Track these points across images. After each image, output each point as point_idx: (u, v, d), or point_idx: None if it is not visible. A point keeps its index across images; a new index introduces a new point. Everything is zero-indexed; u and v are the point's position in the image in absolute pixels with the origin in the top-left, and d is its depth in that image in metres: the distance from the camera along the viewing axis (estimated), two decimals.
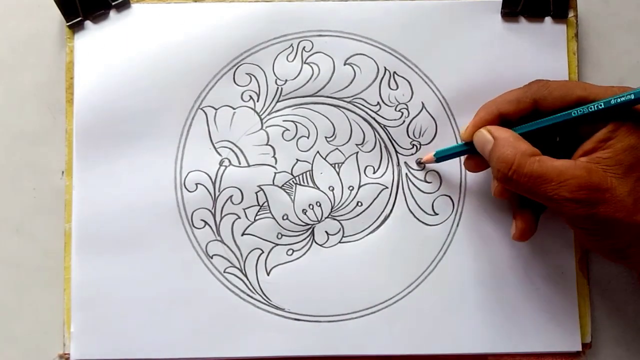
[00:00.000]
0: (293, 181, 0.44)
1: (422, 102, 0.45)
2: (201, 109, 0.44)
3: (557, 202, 0.35)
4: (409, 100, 0.45)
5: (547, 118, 0.38)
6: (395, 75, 0.45)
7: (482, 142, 0.38)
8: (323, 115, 0.45)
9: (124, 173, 0.44)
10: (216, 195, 0.44)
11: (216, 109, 0.44)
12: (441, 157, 0.43)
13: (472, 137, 0.40)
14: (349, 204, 0.44)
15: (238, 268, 0.43)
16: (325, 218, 0.44)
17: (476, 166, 0.41)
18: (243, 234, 0.44)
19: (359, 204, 0.44)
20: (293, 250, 0.44)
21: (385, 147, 0.45)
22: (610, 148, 0.35)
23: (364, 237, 0.44)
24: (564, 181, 0.34)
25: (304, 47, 0.45)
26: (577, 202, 0.34)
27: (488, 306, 0.43)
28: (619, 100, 0.34)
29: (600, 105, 0.35)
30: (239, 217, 0.44)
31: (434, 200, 0.44)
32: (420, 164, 0.44)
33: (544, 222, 0.43)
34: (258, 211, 0.44)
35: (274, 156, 0.44)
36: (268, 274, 0.43)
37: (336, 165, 0.44)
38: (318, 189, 0.44)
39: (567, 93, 0.37)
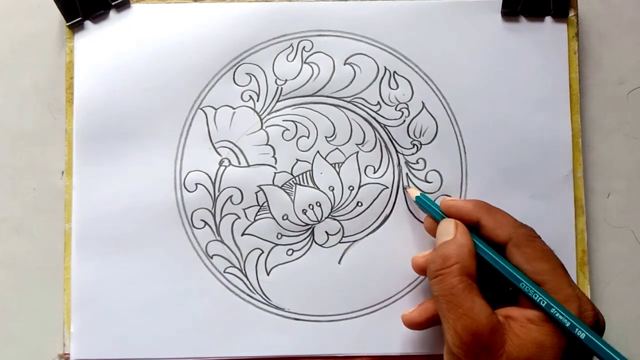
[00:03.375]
0: (293, 181, 0.44)
1: (422, 102, 0.45)
2: (201, 108, 0.44)
3: (447, 324, 0.35)
4: (409, 100, 0.45)
5: (502, 262, 0.37)
6: (396, 74, 0.45)
7: (443, 230, 0.38)
8: (323, 115, 0.45)
9: (124, 173, 0.44)
10: (216, 195, 0.44)
11: (216, 109, 0.44)
12: (419, 202, 0.42)
13: (446, 210, 0.40)
14: (349, 204, 0.44)
15: (238, 268, 0.43)
16: (325, 218, 0.44)
17: (432, 230, 0.41)
18: (243, 234, 0.44)
19: (359, 204, 0.44)
20: (293, 250, 0.44)
21: (386, 146, 0.45)
22: (527, 330, 0.34)
23: (364, 237, 0.44)
24: (468, 316, 0.34)
25: (304, 46, 0.45)
26: (460, 338, 0.34)
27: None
28: (557, 315, 0.34)
29: (543, 303, 0.34)
30: (239, 217, 0.44)
31: (435, 200, 0.44)
32: (405, 189, 0.44)
33: (544, 222, 0.43)
34: (258, 211, 0.44)
35: (273, 156, 0.44)
36: (268, 274, 0.43)
37: (336, 165, 0.44)
38: (318, 189, 0.44)
39: (536, 263, 0.36)
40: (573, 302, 0.35)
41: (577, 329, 0.33)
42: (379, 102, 0.45)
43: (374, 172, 0.44)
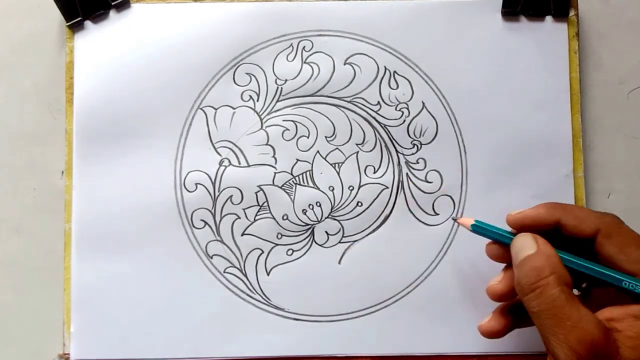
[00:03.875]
0: (293, 181, 0.44)
1: (422, 102, 0.45)
2: (201, 108, 0.44)
3: (557, 340, 0.32)
4: (410, 100, 0.45)
5: (594, 267, 0.35)
6: (396, 74, 0.45)
7: (522, 245, 0.35)
8: (323, 114, 0.45)
9: (123, 173, 0.44)
10: (216, 195, 0.44)
11: (216, 109, 0.44)
12: (477, 231, 0.38)
13: (516, 224, 0.37)
14: (349, 204, 0.44)
15: (238, 268, 0.43)
16: (325, 218, 0.44)
17: (498, 256, 0.38)
18: (243, 234, 0.44)
19: (359, 204, 0.44)
20: (293, 250, 0.44)
21: (386, 146, 0.45)
22: (635, 327, 0.32)
23: (364, 237, 0.44)
24: (579, 327, 0.31)
25: (304, 46, 0.45)
26: (576, 353, 0.31)
27: (488, 306, 0.43)
28: None
29: None
30: (239, 217, 0.44)
31: (435, 200, 0.44)
32: (455, 220, 0.42)
33: None
34: (258, 211, 0.44)
35: (273, 156, 0.44)
36: (268, 274, 0.43)
37: (336, 165, 0.44)
38: (318, 189, 0.44)
39: (630, 250, 0.34)
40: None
41: None
42: (379, 102, 0.45)
43: (374, 172, 0.44)
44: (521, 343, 0.43)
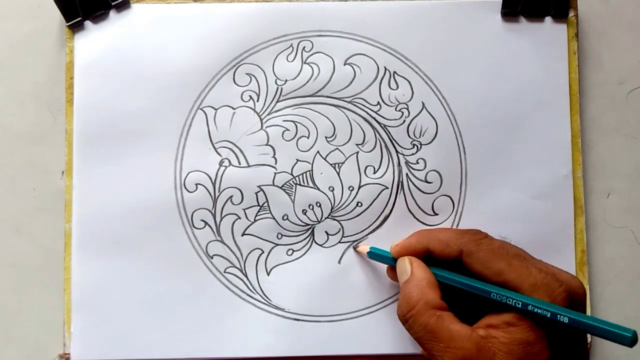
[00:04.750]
0: (293, 181, 0.44)
1: (422, 102, 0.45)
2: (201, 109, 0.44)
3: None
4: (409, 100, 0.45)
5: (465, 281, 0.36)
6: (396, 75, 0.45)
7: (400, 270, 0.38)
8: (323, 115, 0.45)
9: (124, 173, 0.44)
10: (216, 196, 0.44)
11: (216, 109, 0.44)
12: (372, 257, 0.42)
13: (397, 255, 0.40)
14: (349, 204, 0.44)
15: (238, 268, 0.43)
16: (325, 218, 0.44)
17: (395, 278, 0.40)
18: (243, 234, 0.44)
19: (359, 204, 0.44)
20: (293, 251, 0.44)
21: (386, 147, 0.45)
22: (509, 334, 0.33)
23: (364, 237, 0.44)
24: (451, 347, 0.33)
25: (304, 47, 0.45)
26: None
27: None
28: (535, 310, 0.33)
29: (518, 304, 0.33)
30: (239, 218, 0.44)
31: (434, 201, 0.44)
32: (355, 249, 0.44)
33: (544, 222, 0.43)
34: (258, 211, 0.44)
35: (274, 156, 0.44)
36: (268, 274, 0.43)
37: (336, 165, 0.44)
38: (318, 189, 0.44)
39: (491, 264, 0.36)
40: (541, 289, 0.34)
41: (558, 316, 0.32)
42: (379, 102, 0.45)
43: (374, 173, 0.44)
44: None
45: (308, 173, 0.44)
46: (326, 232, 0.44)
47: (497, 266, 0.35)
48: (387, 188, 0.44)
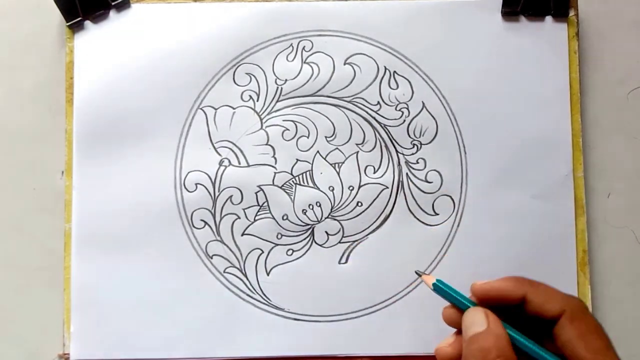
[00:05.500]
0: (293, 181, 0.44)
1: (422, 102, 0.45)
2: (201, 108, 0.44)
3: None
4: (410, 100, 0.45)
5: (545, 355, 0.34)
6: (396, 74, 0.45)
7: (472, 320, 0.35)
8: (323, 115, 0.45)
9: (123, 173, 0.44)
10: (216, 196, 0.44)
11: (216, 109, 0.44)
12: (439, 291, 0.37)
13: (482, 296, 0.36)
14: (349, 204, 0.44)
15: (238, 268, 0.43)
16: (325, 218, 0.44)
17: (454, 321, 0.37)
18: (243, 234, 0.44)
19: (359, 204, 0.44)
20: (293, 251, 0.44)
21: (386, 146, 0.45)
22: None
23: (364, 237, 0.44)
24: None
25: (304, 46, 0.45)
26: None
27: None
28: None
29: None
30: (239, 217, 0.44)
31: (435, 200, 0.44)
32: (418, 274, 0.40)
33: (544, 222, 0.43)
34: (258, 211, 0.44)
35: (273, 156, 0.44)
36: (268, 274, 0.43)
37: (336, 165, 0.44)
38: (318, 189, 0.44)
39: (591, 339, 0.33)
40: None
41: None
42: (379, 102, 0.45)
43: (374, 172, 0.44)
44: None
45: (308, 173, 0.44)
46: (326, 232, 0.44)
47: (596, 343, 0.33)
48: (387, 188, 0.44)
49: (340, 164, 0.44)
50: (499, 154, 0.44)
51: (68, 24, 0.44)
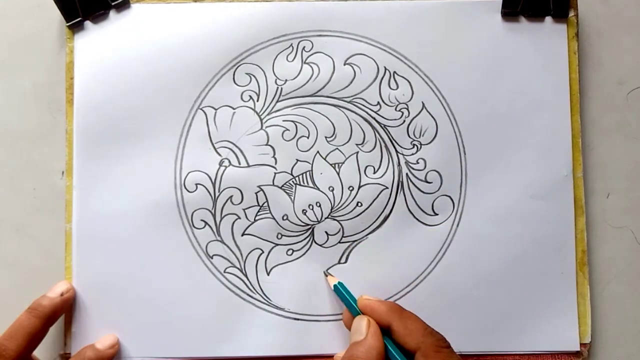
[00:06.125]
0: (293, 181, 0.44)
1: (422, 102, 0.45)
2: (201, 109, 0.44)
3: None
4: (409, 100, 0.45)
5: None
6: (396, 75, 0.45)
7: (356, 328, 0.39)
8: (323, 115, 0.45)
9: (124, 173, 0.44)
10: (216, 196, 0.44)
11: (216, 109, 0.44)
12: (337, 292, 0.42)
13: (361, 309, 0.40)
14: (348, 204, 0.44)
15: (238, 268, 0.43)
16: (325, 218, 0.44)
17: (348, 324, 0.41)
18: (243, 234, 0.44)
19: (359, 204, 0.44)
20: (293, 250, 0.44)
21: (386, 147, 0.45)
22: None
23: (364, 237, 0.44)
24: None
25: (304, 47, 0.45)
26: None
27: (487, 306, 0.43)
28: None
29: None
30: (239, 218, 0.44)
31: (434, 201, 0.44)
32: (325, 274, 0.44)
33: (544, 222, 0.43)
34: (258, 211, 0.44)
35: (273, 156, 0.44)
36: (268, 274, 0.43)
37: (336, 165, 0.44)
38: (318, 189, 0.44)
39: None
40: None
41: None
42: (379, 102, 0.45)
43: (374, 173, 0.44)
44: (521, 342, 0.43)
45: (308, 173, 0.44)
46: (326, 232, 0.44)
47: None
48: (387, 188, 0.44)
49: (340, 164, 0.44)
50: (499, 154, 0.44)
51: (68, 24, 0.44)
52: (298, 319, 0.43)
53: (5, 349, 0.38)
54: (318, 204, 0.44)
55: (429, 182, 0.44)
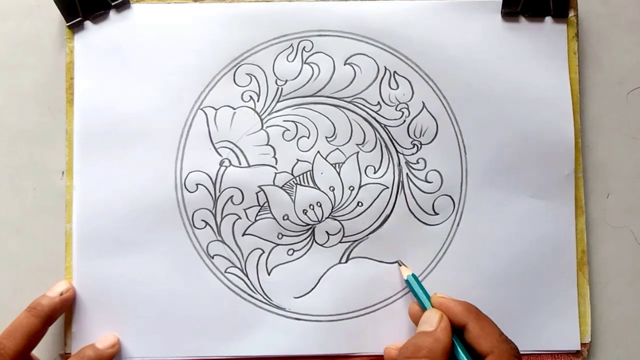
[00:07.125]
0: (293, 181, 0.44)
1: (422, 102, 0.45)
2: (201, 109, 0.44)
3: None
4: (410, 100, 0.45)
5: None
6: (396, 74, 0.45)
7: (426, 319, 0.38)
8: (323, 115, 0.45)
9: (124, 173, 0.44)
10: (217, 196, 0.44)
11: (216, 109, 0.44)
12: (409, 284, 0.42)
13: (435, 307, 0.39)
14: (349, 204, 0.44)
15: (239, 268, 0.43)
16: (326, 218, 0.44)
17: (414, 317, 0.41)
18: (244, 234, 0.44)
19: (360, 204, 0.44)
20: (294, 250, 0.44)
21: (386, 146, 0.45)
22: None
23: (365, 237, 0.44)
24: None
25: (304, 47, 0.45)
26: None
27: (488, 306, 0.43)
28: None
29: None
30: (240, 218, 0.44)
31: (435, 200, 0.44)
32: (399, 264, 0.43)
33: (544, 222, 0.44)
34: (259, 211, 0.44)
35: (274, 156, 0.44)
36: (269, 274, 0.43)
37: (337, 165, 0.44)
38: (318, 189, 0.44)
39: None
40: None
41: None
42: (379, 102, 0.45)
43: (375, 172, 0.44)
44: (521, 342, 0.43)
45: (308, 173, 0.44)
46: (327, 232, 0.44)
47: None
48: (388, 188, 0.44)
49: (340, 164, 0.44)
50: (499, 154, 0.44)
51: (68, 24, 0.44)
52: (299, 319, 0.43)
53: (3, 347, 0.38)
54: (319, 204, 0.44)
55: (430, 182, 0.44)
